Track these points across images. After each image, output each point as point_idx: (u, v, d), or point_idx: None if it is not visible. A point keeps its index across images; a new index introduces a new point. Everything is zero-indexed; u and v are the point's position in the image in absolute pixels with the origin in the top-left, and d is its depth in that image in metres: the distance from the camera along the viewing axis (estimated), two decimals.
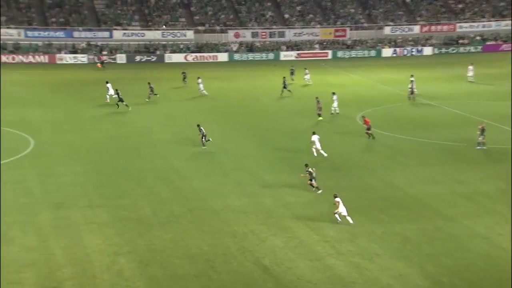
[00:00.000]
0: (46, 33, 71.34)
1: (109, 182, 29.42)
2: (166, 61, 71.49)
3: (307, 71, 56.15)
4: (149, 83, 47.99)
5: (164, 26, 73.95)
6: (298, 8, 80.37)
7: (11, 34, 69.88)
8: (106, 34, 73.08)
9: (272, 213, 25.32)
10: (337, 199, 24.11)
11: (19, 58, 67.39)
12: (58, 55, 69.33)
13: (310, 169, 27.34)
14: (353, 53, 75.57)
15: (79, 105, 46.11)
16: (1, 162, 31.32)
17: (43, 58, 68.58)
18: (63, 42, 71.40)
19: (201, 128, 34.58)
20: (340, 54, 75.17)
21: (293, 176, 29.22)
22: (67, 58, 69.44)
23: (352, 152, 33.71)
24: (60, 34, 71.78)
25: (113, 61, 70.06)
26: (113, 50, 72.09)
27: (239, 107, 46.29)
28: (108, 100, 45.90)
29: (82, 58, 69.74)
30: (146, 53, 72.71)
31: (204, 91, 50.17)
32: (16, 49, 69.32)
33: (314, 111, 41.88)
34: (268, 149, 34.31)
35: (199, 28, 75.81)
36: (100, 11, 76.01)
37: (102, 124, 40.64)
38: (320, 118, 40.96)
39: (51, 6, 74.23)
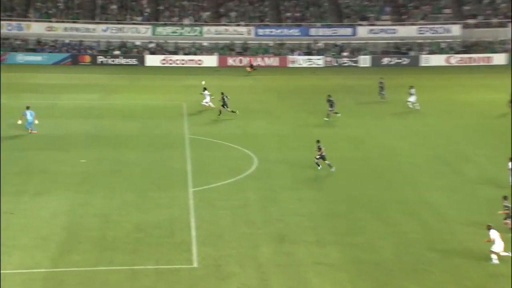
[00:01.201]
0: (278, 31, 75.31)
1: (343, 213, 29.53)
2: (422, 64, 70.26)
3: None
4: (328, 96, 47.01)
5: (421, 20, 72.86)
6: None
7: (241, 32, 75.19)
8: (348, 31, 74.43)
9: None
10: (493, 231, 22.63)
11: (246, 60, 72.17)
12: (290, 57, 72.61)
13: None
14: None
15: (310, 117, 47.49)
16: (223, 183, 33.53)
17: (273, 61, 72.44)
18: (297, 42, 74.58)
19: (320, 145, 34.94)
20: None
21: None
22: (300, 61, 72.33)
23: None
24: (295, 31, 75.10)
25: (354, 64, 71.10)
26: (355, 51, 73.16)
27: None
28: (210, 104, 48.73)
29: (318, 61, 72.05)
30: (397, 54, 72.30)
31: (416, 105, 48.35)
32: (245, 50, 74.39)
33: None
34: None
35: (469, 21, 72.73)
36: (344, 2, 77.60)
37: (336, 142, 41.20)
38: None
39: None
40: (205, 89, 50.03)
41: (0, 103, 48.73)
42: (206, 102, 49.57)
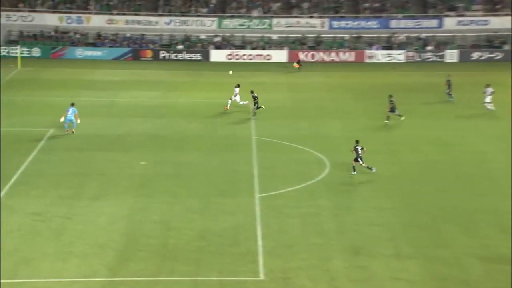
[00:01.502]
0: (355, 23, 74.79)
1: (425, 224, 29.11)
2: None
3: None
4: (390, 97, 46.00)
5: None
6: None
7: (314, 24, 75.01)
8: (433, 22, 73.25)
9: None
10: None
11: (319, 55, 71.94)
12: (367, 52, 71.99)
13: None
14: None
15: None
16: (292, 189, 33.44)
17: (349, 56, 71.98)
18: (375, 35, 73.91)
19: (358, 146, 35.11)
20: None
21: None
22: (379, 56, 71.62)
23: None
24: (373, 23, 74.42)
25: (440, 59, 69.95)
26: (441, 45, 71.97)
27: None
28: (228, 107, 48.44)
29: (398, 56, 71.18)
30: (489, 48, 70.73)
31: (490, 105, 47.12)
32: (317, 44, 74.18)
33: None
34: None
35: None
36: None
37: (419, 145, 40.63)
38: None
39: None
40: (238, 85, 49.95)
41: None
42: (232, 99, 49.06)
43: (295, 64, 66.70)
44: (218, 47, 73.31)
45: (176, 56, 71.81)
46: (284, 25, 74.58)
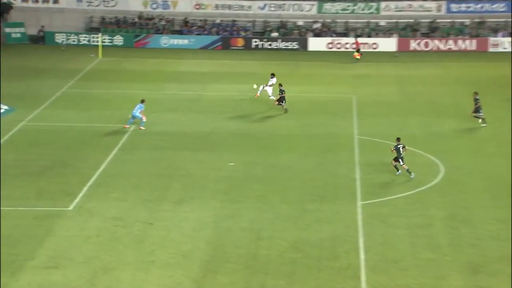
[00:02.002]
0: (478, 6, 73.31)
1: None
2: None
3: None
4: (475, 94, 44.30)
5: None
6: None
7: (428, 8, 73.90)
8: None
9: None
10: None
11: (433, 44, 70.83)
12: (492, 39, 70.49)
13: None
14: None
15: None
16: (400, 196, 33.20)
17: (469, 44, 70.61)
18: (502, 20, 72.20)
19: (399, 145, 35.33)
20: None
21: None
22: (505, 44, 69.97)
23: None
24: (499, 6, 72.72)
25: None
26: None
27: None
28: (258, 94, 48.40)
29: None
30: None
31: None
32: (432, 30, 73.06)
33: None
34: None
35: None
36: None
37: None
38: None
39: None
40: (273, 75, 49.48)
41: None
42: (264, 89, 48.88)
43: (356, 54, 65.74)
44: (317, 34, 73.31)
45: (270, 45, 72.27)
46: (393, 9, 73.92)
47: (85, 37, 71.82)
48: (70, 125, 44.13)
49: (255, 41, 72.27)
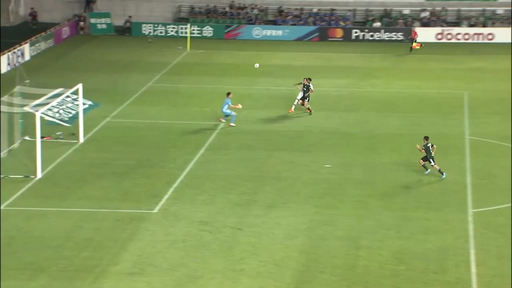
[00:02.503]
0: None
1: None
2: None
3: None
4: None
5: None
6: None
7: None
8: None
9: None
10: None
11: None
12: None
13: None
14: None
15: None
16: None
17: None
18: None
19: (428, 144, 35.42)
20: None
21: None
22: None
23: None
24: None
25: None
26: None
27: None
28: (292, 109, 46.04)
29: None
30: None
31: None
32: None
33: None
34: None
35: None
36: None
37: None
38: None
39: None
40: (308, 80, 46.52)
41: None
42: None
43: (416, 44, 64.28)
44: (425, 24, 72.40)
45: (372, 36, 71.74)
46: None
47: (173, 28, 72.68)
48: (155, 122, 44.80)
49: (356, 32, 71.81)
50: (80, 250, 27.71)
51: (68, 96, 43.04)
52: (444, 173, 35.43)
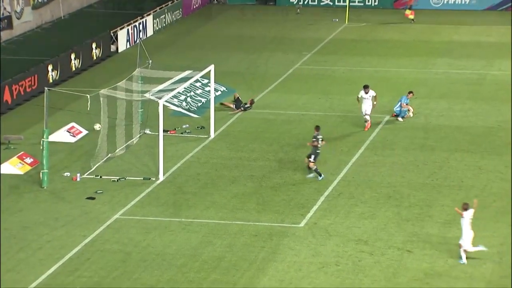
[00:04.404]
0: None
1: None
2: None
3: None
4: None
5: None
6: None
7: None
8: None
9: None
10: None
11: None
12: None
13: None
14: None
15: None
16: None
17: None
18: None
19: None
20: None
21: None
22: None
23: None
24: None
25: None
26: None
27: None
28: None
29: None
30: None
31: None
32: None
33: None
34: None
35: None
36: None
37: None
38: None
39: None
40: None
41: None
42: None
43: (407, 12, 64.68)
44: None
45: None
46: None
47: None
48: (302, 114, 45.04)
49: None
50: (209, 271, 28.15)
51: (197, 81, 43.83)
52: None
